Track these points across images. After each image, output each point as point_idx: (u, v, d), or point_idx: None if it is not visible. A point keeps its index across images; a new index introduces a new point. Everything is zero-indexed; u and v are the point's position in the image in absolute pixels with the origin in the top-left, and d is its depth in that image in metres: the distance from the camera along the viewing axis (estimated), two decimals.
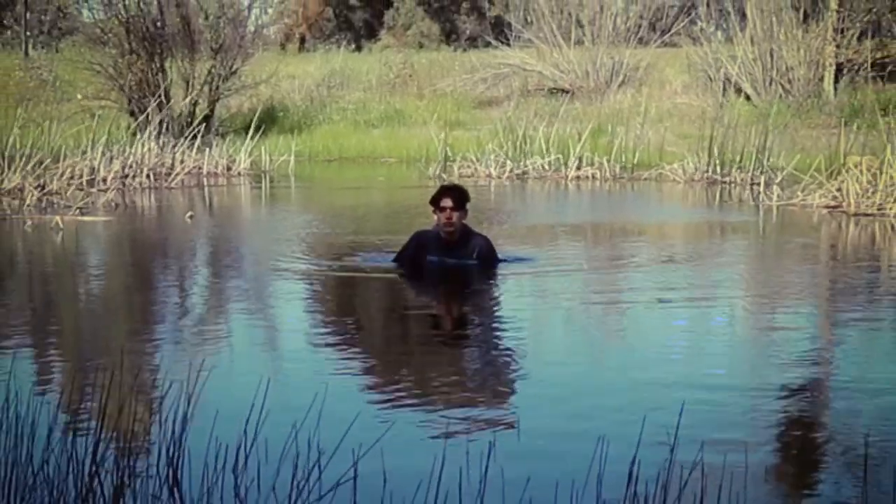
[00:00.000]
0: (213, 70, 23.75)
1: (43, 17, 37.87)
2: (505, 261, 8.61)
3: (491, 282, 8.06)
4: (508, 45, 31.73)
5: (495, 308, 7.72)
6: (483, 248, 8.29)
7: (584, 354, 6.44)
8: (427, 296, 7.94)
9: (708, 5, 29.40)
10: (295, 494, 3.47)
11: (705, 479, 3.47)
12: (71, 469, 3.47)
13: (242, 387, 4.18)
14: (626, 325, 7.29)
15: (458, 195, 8.13)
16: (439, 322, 7.46)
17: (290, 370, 5.86)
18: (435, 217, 8.17)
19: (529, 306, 7.73)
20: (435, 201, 8.13)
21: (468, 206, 8.28)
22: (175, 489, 3.68)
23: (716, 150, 18.29)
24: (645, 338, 6.83)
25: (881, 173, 13.59)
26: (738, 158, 18.00)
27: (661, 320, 7.32)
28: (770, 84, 25.73)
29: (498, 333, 7.01)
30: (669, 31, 30.82)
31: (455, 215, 8.02)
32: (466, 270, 8.22)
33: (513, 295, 8.14)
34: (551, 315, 7.51)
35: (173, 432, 3.81)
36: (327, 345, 6.68)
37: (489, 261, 8.36)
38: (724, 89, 25.99)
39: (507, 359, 6.31)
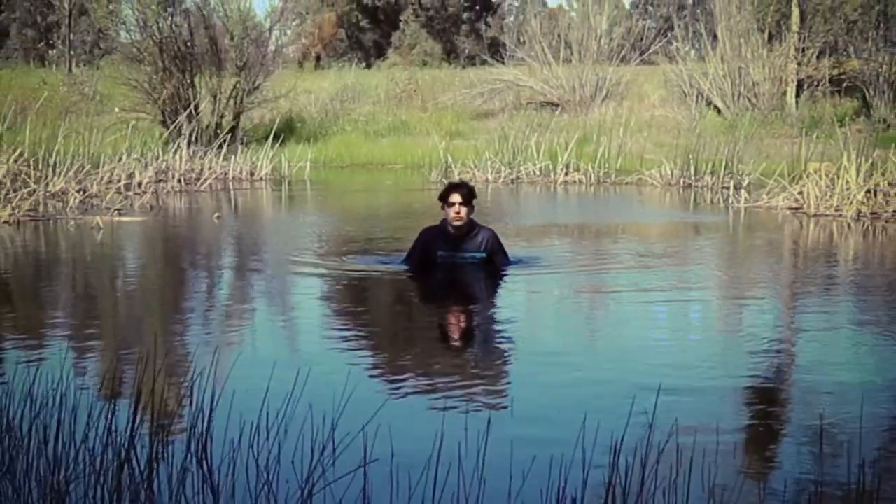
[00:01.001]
0: (237, 85, 23.75)
1: (85, 38, 37.94)
2: (509, 261, 8.29)
3: (489, 279, 7.96)
4: (503, 63, 31.78)
5: (493, 302, 7.73)
6: (490, 240, 8.08)
7: (572, 344, 6.44)
8: (432, 292, 7.89)
9: (683, 27, 29.41)
10: (312, 466, 3.48)
11: (679, 454, 3.47)
12: (110, 442, 3.48)
13: (265, 370, 4.17)
14: (610, 317, 7.30)
15: (466, 191, 7.91)
16: (443, 316, 7.44)
17: (308, 356, 5.85)
18: (444, 212, 7.93)
19: (524, 301, 7.74)
20: (444, 197, 7.93)
21: (474, 202, 8.05)
22: (203, 461, 3.68)
23: (690, 158, 18.32)
24: (627, 328, 6.84)
25: (838, 178, 13.61)
26: (709, 165, 18.02)
27: (641, 311, 7.33)
28: (738, 98, 25.77)
29: (495, 326, 7.01)
30: (648, 50, 30.85)
31: (464, 210, 7.82)
32: (471, 269, 8.04)
33: (508, 290, 8.13)
34: (543, 308, 7.52)
35: (202, 410, 3.82)
36: (342, 335, 6.69)
37: (496, 252, 8.12)
38: (697, 103, 26.03)
39: (504, 348, 6.32)
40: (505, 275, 8.15)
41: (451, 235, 8.00)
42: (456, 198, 7.81)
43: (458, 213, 7.81)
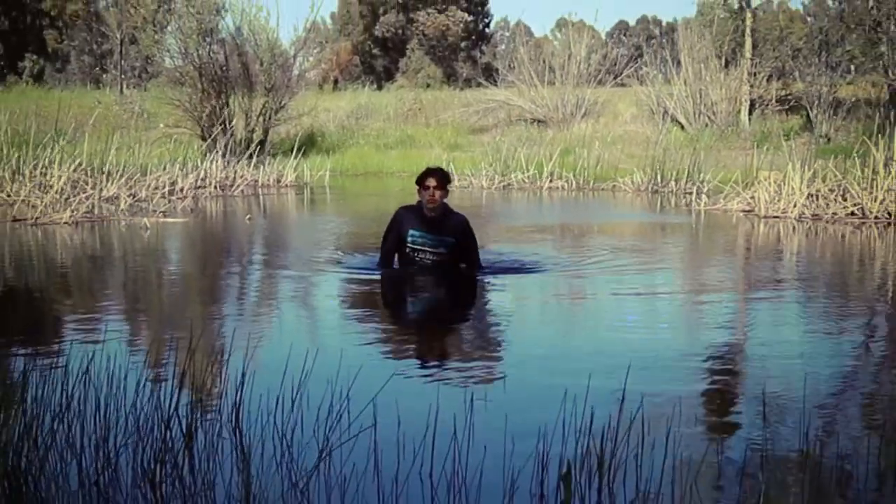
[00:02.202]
0: (266, 105, 23.77)
1: (134, 63, 37.92)
2: (477, 248, 7.69)
3: (482, 271, 7.84)
4: (496, 85, 31.88)
5: (484, 295, 7.67)
6: (462, 225, 7.51)
7: (553, 330, 6.45)
8: (432, 288, 7.83)
9: (651, 55, 29.42)
10: (328, 432, 3.48)
11: (647, 424, 3.48)
12: (155, 413, 3.48)
13: (287, 351, 4.17)
14: (587, 306, 7.32)
15: (441, 176, 7.36)
16: (441, 308, 7.43)
17: (324, 339, 5.86)
18: (420, 195, 7.38)
19: (512, 292, 7.69)
20: (420, 181, 7.36)
21: (449, 187, 7.51)
22: (237, 429, 3.69)
23: (657, 167, 18.35)
24: (602, 315, 6.86)
25: (784, 184, 13.64)
26: (674, 173, 18.05)
27: (614, 300, 7.35)
28: (699, 115, 25.83)
29: (486, 315, 7.03)
30: (621, 74, 30.87)
31: (438, 194, 7.26)
32: (463, 268, 7.63)
33: (498, 284, 8.08)
34: (528, 298, 7.51)
35: (235, 384, 3.83)
36: (353, 321, 6.70)
37: (467, 237, 7.53)
38: (663, 120, 26.10)
39: (494, 335, 6.33)
40: (494, 271, 7.94)
41: (426, 217, 7.39)
42: (431, 181, 7.28)
43: (432, 195, 7.26)
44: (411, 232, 7.40)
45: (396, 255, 7.57)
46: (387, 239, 7.62)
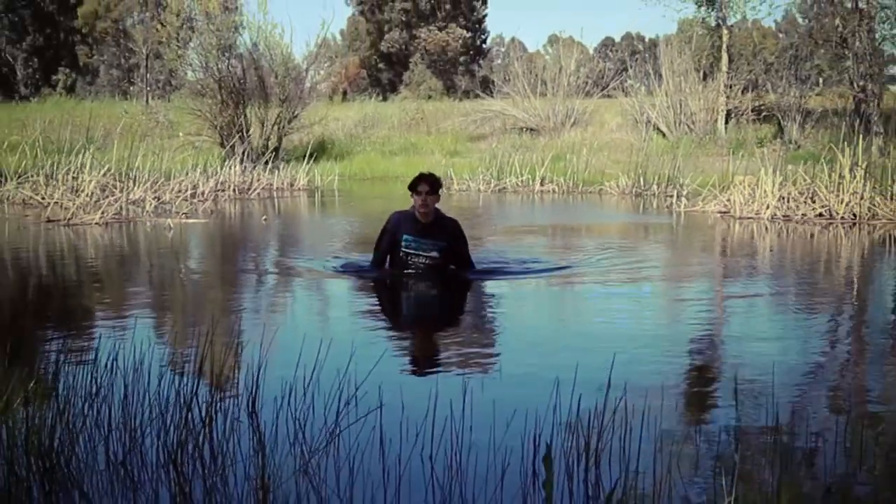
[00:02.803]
0: (280, 114, 23.74)
1: (159, 76, 37.94)
2: (468, 250, 7.38)
3: (475, 271, 7.77)
4: (492, 96, 31.85)
5: (482, 290, 7.64)
6: (453, 228, 7.21)
7: (546, 323, 6.44)
8: (433, 286, 7.76)
9: (635, 68, 29.41)
10: (337, 415, 3.48)
11: (630, 408, 3.48)
12: (177, 398, 3.48)
13: (302, 342, 4.17)
14: (576, 299, 7.31)
15: (432, 181, 7.03)
16: (441, 303, 7.41)
17: (334, 331, 5.86)
18: (413, 200, 7.05)
19: (506, 287, 7.68)
20: (413, 186, 7.03)
21: (441, 191, 7.21)
22: (253, 413, 3.69)
23: (640, 172, 18.32)
24: (589, 309, 6.85)
25: (757, 188, 13.64)
26: (656, 178, 18.03)
27: (601, 295, 7.32)
28: (679, 124, 25.82)
29: (482, 310, 7.02)
30: (607, 87, 30.84)
31: (430, 199, 6.96)
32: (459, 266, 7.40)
33: (493, 280, 8.07)
34: (522, 294, 7.50)
35: (251, 372, 3.83)
36: (360, 315, 6.70)
37: (458, 239, 7.22)
38: (646, 128, 26.05)
39: (490, 328, 6.33)
40: (489, 269, 7.84)
41: (419, 222, 7.07)
42: (423, 187, 6.96)
43: (424, 200, 6.94)
44: (405, 237, 7.11)
45: (389, 259, 7.29)
46: (380, 243, 7.31)
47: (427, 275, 7.18)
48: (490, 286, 7.56)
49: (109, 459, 3.25)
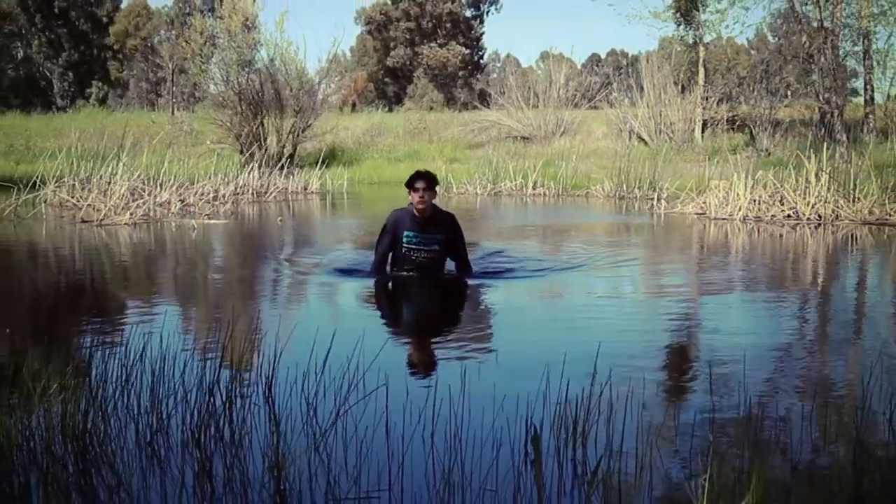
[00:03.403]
0: (294, 124, 23.78)
1: (184, 89, 37.92)
2: (465, 243, 7.12)
3: (471, 273, 7.66)
4: (488, 107, 31.86)
5: (480, 284, 7.63)
6: (450, 222, 6.95)
7: (537, 315, 6.44)
8: (435, 284, 7.72)
9: (619, 82, 29.42)
10: (346, 399, 3.49)
11: (614, 393, 3.48)
12: (200, 384, 3.49)
13: (315, 332, 4.17)
14: (565, 293, 7.30)
15: (429, 178, 6.74)
16: (441, 296, 7.40)
17: (343, 321, 5.86)
18: (410, 197, 6.78)
19: (502, 282, 7.67)
20: (410, 184, 6.76)
21: (437, 188, 6.93)
22: (269, 397, 3.69)
23: (623, 177, 18.33)
24: (577, 302, 6.84)
25: (731, 191, 13.65)
26: (638, 182, 18.04)
27: (588, 288, 7.32)
28: (659, 133, 25.84)
29: (481, 303, 7.01)
30: (594, 99, 30.90)
31: (427, 195, 6.68)
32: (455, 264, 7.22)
33: (490, 277, 8.06)
34: (516, 288, 7.49)
35: (269, 360, 3.83)
36: (368, 306, 6.70)
37: (455, 233, 6.95)
38: (629, 137, 26.09)
39: (487, 319, 6.33)
40: (485, 268, 7.74)
41: (417, 217, 6.80)
42: (420, 184, 6.68)
43: (421, 197, 6.66)
44: (406, 233, 6.83)
45: (391, 256, 7.03)
46: (381, 242, 7.00)
47: (428, 270, 6.95)
48: (485, 284, 7.55)
49: (138, 440, 3.26)
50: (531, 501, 2.78)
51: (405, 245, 6.87)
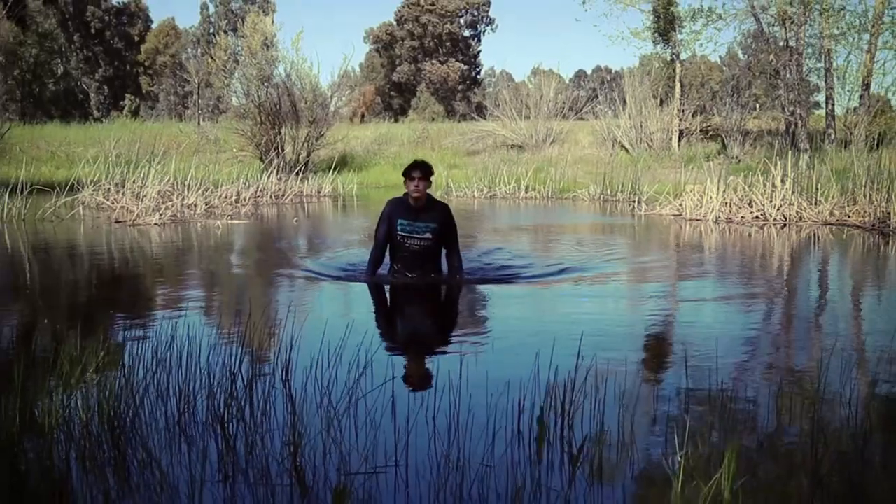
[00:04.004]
0: (309, 134, 23.75)
1: (209, 102, 37.88)
2: (457, 233, 6.64)
3: (467, 277, 7.72)
4: (485, 118, 31.82)
5: (475, 284, 7.63)
6: (444, 211, 6.55)
7: (528, 307, 6.43)
8: (432, 273, 7.72)
9: (604, 95, 29.39)
10: (357, 384, 3.49)
11: (597, 376, 3.48)
12: (224, 369, 3.49)
13: (327, 322, 4.18)
14: (552, 286, 7.28)
15: (424, 168, 6.39)
16: (443, 293, 7.39)
17: (355, 312, 5.86)
18: (406, 186, 6.43)
19: (495, 280, 7.66)
20: (406, 173, 6.40)
21: (432, 178, 6.54)
22: (287, 382, 3.70)
23: (607, 182, 18.32)
24: (563, 294, 6.83)
25: (704, 195, 13.64)
26: (620, 186, 18.03)
27: (574, 282, 7.30)
28: (639, 142, 25.84)
29: (477, 298, 7.00)
30: (580, 110, 30.87)
31: (422, 184, 6.32)
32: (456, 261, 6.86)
33: (485, 270, 8.05)
34: (510, 285, 7.48)
35: (286, 347, 3.83)
36: (378, 302, 6.69)
37: (448, 222, 6.51)
38: (613, 145, 26.08)
39: (483, 312, 6.32)
40: (480, 262, 7.68)
41: (412, 206, 6.43)
42: (416, 173, 6.33)
43: (417, 185, 6.30)
44: (400, 221, 6.43)
45: (389, 245, 6.60)
46: (378, 230, 6.57)
47: (422, 257, 6.50)
48: (482, 280, 7.54)
49: (167, 420, 3.26)
50: (523, 475, 2.78)
51: (399, 233, 6.46)
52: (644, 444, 3.08)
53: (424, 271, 6.58)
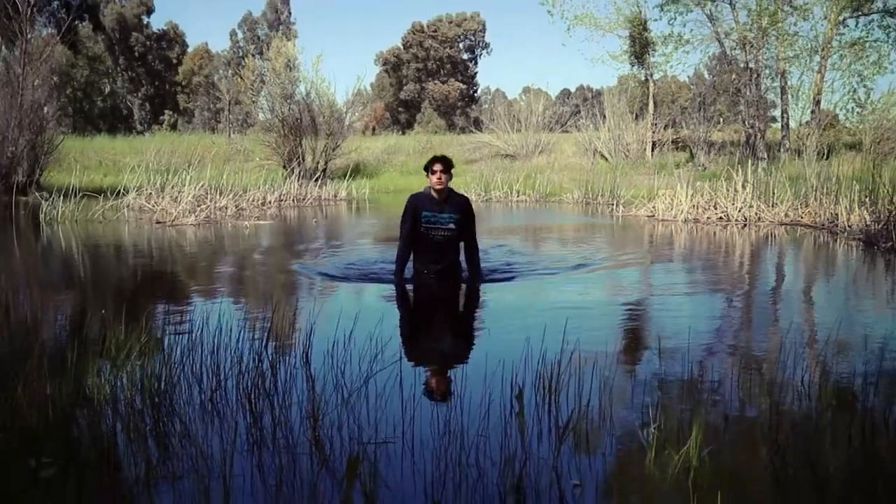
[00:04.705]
0: (326, 145, 23.75)
1: (239, 117, 37.84)
2: (474, 224, 6.30)
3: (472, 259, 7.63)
4: (481, 131, 31.76)
5: (474, 275, 7.58)
6: (464, 203, 6.21)
7: (520, 297, 6.41)
8: (442, 276, 7.65)
9: (586, 111, 29.35)
10: (369, 366, 3.48)
11: (580, 359, 3.47)
12: (251, 351, 3.48)
13: (341, 311, 4.17)
14: (540, 279, 7.26)
15: (446, 162, 6.09)
16: (444, 289, 7.37)
17: (368, 303, 5.85)
18: (428, 179, 6.10)
19: (488, 269, 7.64)
20: (428, 167, 6.10)
21: (452, 171, 6.20)
22: (306, 363, 3.69)
23: (589, 187, 18.29)
24: (549, 286, 6.81)
25: (674, 198, 13.63)
26: (600, 190, 18.00)
27: (559, 275, 7.29)
28: (617, 152, 25.80)
29: (475, 291, 6.97)
30: (566, 124, 30.84)
31: (444, 177, 6.00)
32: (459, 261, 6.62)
33: (482, 265, 8.01)
34: (503, 278, 7.45)
35: (306, 333, 3.82)
36: (388, 294, 6.67)
37: (467, 213, 6.17)
38: (594, 155, 26.04)
39: (479, 305, 6.31)
40: (479, 256, 7.63)
41: (434, 198, 6.10)
42: (438, 166, 6.01)
43: (439, 178, 5.98)
44: (424, 213, 6.06)
45: (414, 237, 6.20)
46: (403, 224, 6.18)
47: (444, 248, 6.15)
48: (481, 279, 7.51)
49: (201, 397, 3.25)
50: (515, 445, 2.78)
51: (423, 224, 6.08)
52: (621, 417, 3.08)
53: (447, 261, 6.19)
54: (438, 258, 6.16)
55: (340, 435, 2.87)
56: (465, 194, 6.18)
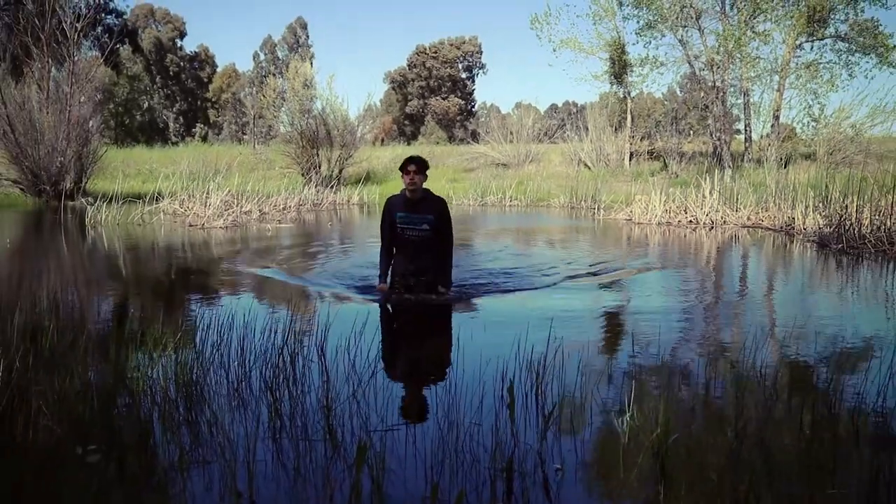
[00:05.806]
0: (340, 155, 23.66)
1: (262, 130, 37.77)
2: (451, 226, 5.55)
3: (453, 290, 7.60)
4: (478, 142, 31.67)
5: (471, 273, 7.57)
6: (439, 204, 5.45)
7: (512, 296, 6.40)
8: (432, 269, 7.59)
9: (571, 123, 29.29)
10: (378, 359, 3.48)
11: (565, 351, 3.47)
12: (273, 345, 3.48)
13: (356, 309, 4.17)
14: (528, 277, 7.24)
15: (419, 162, 5.36)
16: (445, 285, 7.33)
17: (376, 304, 5.84)
18: (402, 179, 5.38)
19: (484, 266, 7.63)
20: (403, 167, 5.38)
21: (427, 172, 5.44)
22: (322, 356, 3.68)
23: (574, 193, 18.24)
24: (538, 283, 6.80)
25: (649, 203, 13.60)
26: (584, 196, 17.96)
27: (547, 273, 7.27)
28: (599, 161, 25.72)
29: (472, 290, 6.96)
30: (553, 136, 30.77)
31: (417, 178, 5.30)
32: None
33: (476, 261, 8.01)
34: (499, 276, 7.44)
35: (322, 328, 3.82)
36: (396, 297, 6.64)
37: (442, 214, 5.44)
38: (578, 164, 25.96)
39: (475, 304, 6.29)
40: (472, 261, 7.56)
41: (409, 199, 5.42)
42: (411, 167, 5.32)
43: (412, 179, 5.30)
44: (398, 214, 5.46)
45: (391, 238, 5.60)
46: (382, 226, 5.60)
47: (420, 248, 5.60)
48: (473, 277, 7.50)
49: (228, 387, 3.26)
50: (505, 431, 2.78)
51: (398, 225, 5.50)
52: (601, 405, 3.08)
53: (422, 262, 5.62)
54: (413, 258, 5.56)
55: (351, 423, 2.87)
56: (443, 197, 5.64)
